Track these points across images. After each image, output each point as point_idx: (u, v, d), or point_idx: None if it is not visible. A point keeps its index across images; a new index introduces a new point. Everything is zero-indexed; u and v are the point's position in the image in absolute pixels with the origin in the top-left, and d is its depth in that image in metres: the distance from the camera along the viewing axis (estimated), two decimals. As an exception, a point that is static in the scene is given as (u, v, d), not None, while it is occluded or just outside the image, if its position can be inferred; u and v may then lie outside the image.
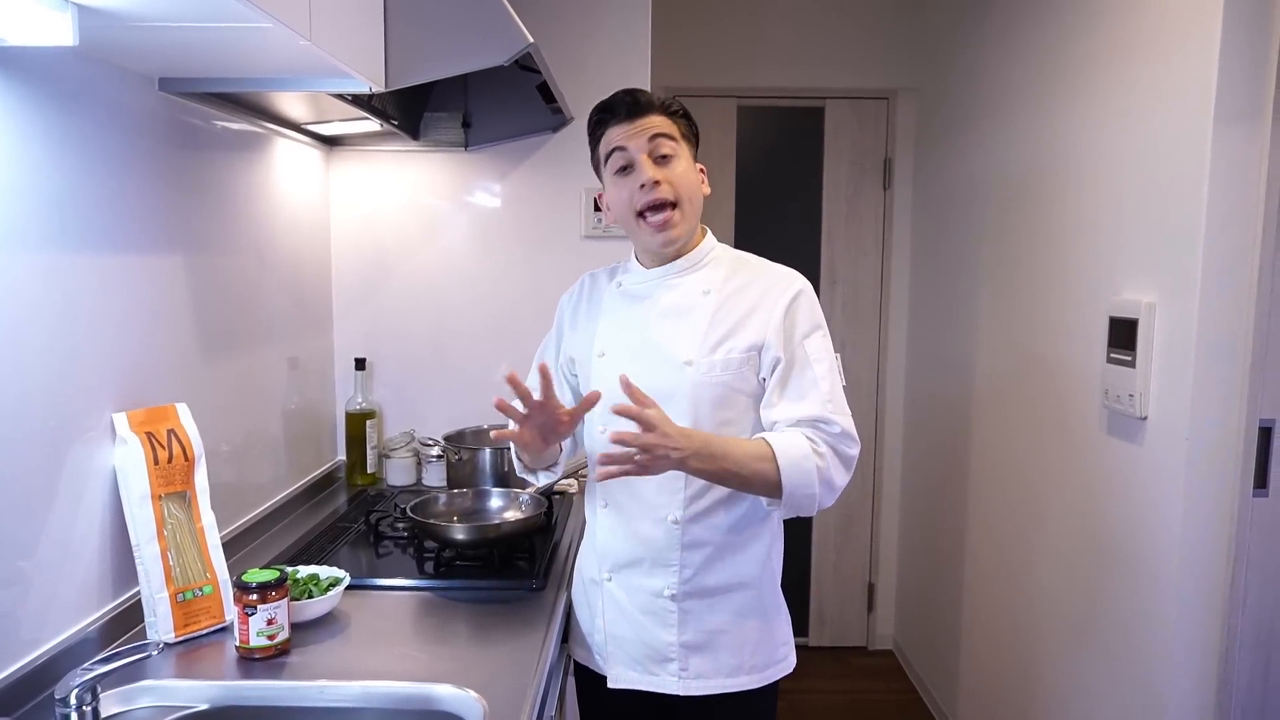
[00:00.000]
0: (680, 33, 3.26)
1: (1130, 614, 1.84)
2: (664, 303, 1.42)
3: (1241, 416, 1.63)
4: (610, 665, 1.47)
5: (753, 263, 1.47)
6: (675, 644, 1.41)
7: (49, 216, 1.22)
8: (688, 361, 1.36)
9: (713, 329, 1.37)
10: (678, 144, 1.39)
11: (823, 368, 1.35)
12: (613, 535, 1.45)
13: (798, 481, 1.28)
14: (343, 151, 2.36)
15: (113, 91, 1.36)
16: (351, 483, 2.31)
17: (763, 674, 1.44)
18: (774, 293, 1.38)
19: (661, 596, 1.40)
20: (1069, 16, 2.14)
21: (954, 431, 2.91)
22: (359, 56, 1.37)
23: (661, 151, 1.37)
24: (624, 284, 1.48)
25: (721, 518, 1.39)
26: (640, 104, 1.38)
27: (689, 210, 1.39)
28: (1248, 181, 1.59)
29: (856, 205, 3.48)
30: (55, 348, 1.23)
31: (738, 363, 1.36)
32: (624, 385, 1.22)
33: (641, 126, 1.37)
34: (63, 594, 1.25)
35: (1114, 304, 1.88)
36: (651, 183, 1.35)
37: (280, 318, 2.03)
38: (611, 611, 1.46)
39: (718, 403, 1.36)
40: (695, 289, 1.41)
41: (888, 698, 3.28)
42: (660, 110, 1.39)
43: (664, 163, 1.37)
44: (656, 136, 1.37)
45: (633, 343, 1.42)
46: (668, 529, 1.38)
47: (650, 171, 1.35)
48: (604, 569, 1.46)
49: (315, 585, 1.47)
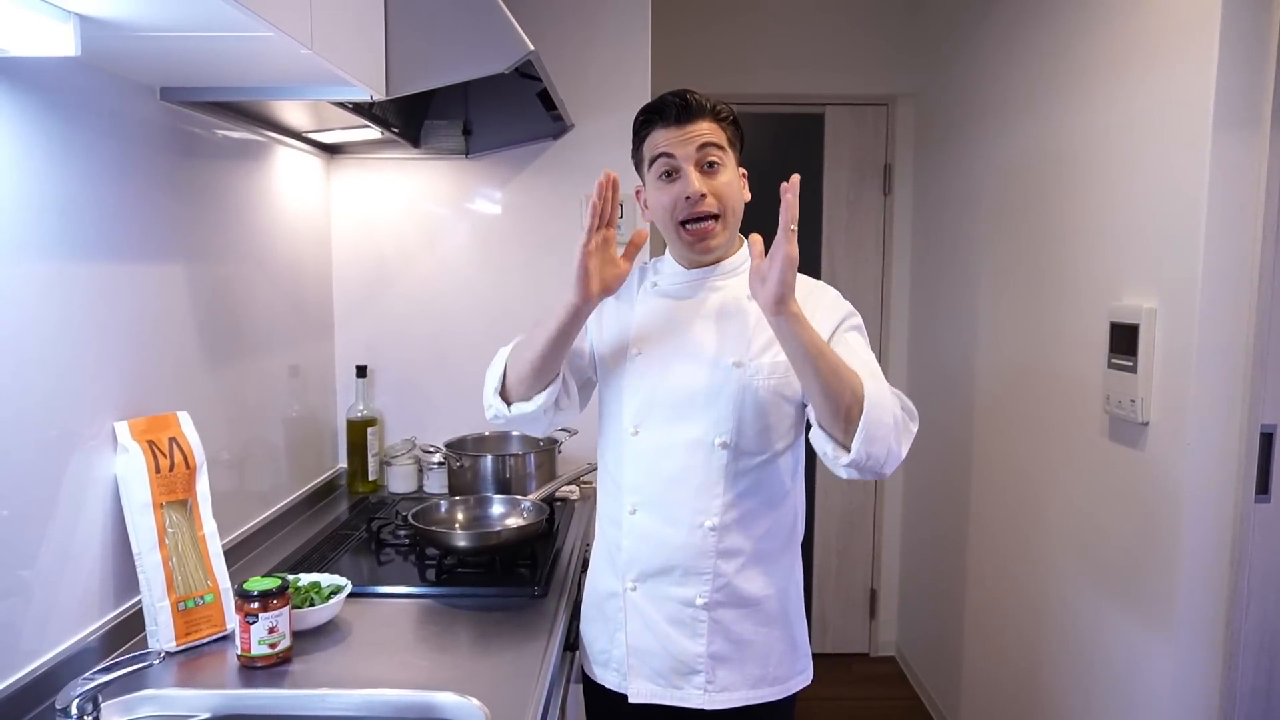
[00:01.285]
0: (680, 40, 3.27)
1: (1132, 620, 1.84)
2: (709, 304, 1.41)
3: (1243, 422, 1.62)
4: (632, 680, 1.43)
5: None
6: (703, 655, 1.38)
7: (51, 225, 1.22)
8: (737, 363, 1.35)
9: (759, 331, 1.35)
10: (725, 152, 1.35)
11: (867, 355, 1.32)
12: (643, 543, 1.41)
13: (877, 416, 1.19)
14: (343, 159, 2.37)
15: (114, 101, 1.36)
16: (353, 490, 2.31)
17: (785, 685, 1.43)
18: (815, 298, 1.38)
19: (692, 605, 1.38)
20: (1068, 22, 2.14)
21: (955, 437, 2.91)
22: (360, 65, 1.38)
23: (709, 159, 1.34)
24: (660, 284, 1.46)
25: (757, 525, 1.38)
26: (690, 108, 1.33)
27: (731, 221, 1.38)
28: (1248, 186, 1.59)
29: (857, 211, 3.48)
30: (57, 356, 1.24)
31: (784, 367, 1.32)
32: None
33: (691, 134, 1.33)
34: (64, 603, 1.25)
35: (1115, 309, 1.88)
36: (699, 195, 1.32)
37: (281, 325, 2.03)
38: (635, 623, 1.42)
39: (761, 407, 1.35)
40: (741, 292, 1.39)
41: (890, 705, 3.27)
42: (710, 115, 1.35)
43: (711, 171, 1.34)
44: (705, 145, 1.33)
45: (673, 343, 1.40)
46: (704, 534, 1.36)
47: (696, 184, 1.32)
48: (628, 579, 1.42)
49: (317, 593, 1.47)
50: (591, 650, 1.51)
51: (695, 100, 1.35)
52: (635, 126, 1.41)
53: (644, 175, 1.42)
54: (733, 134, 1.39)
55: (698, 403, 1.36)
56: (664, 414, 1.38)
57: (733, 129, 1.39)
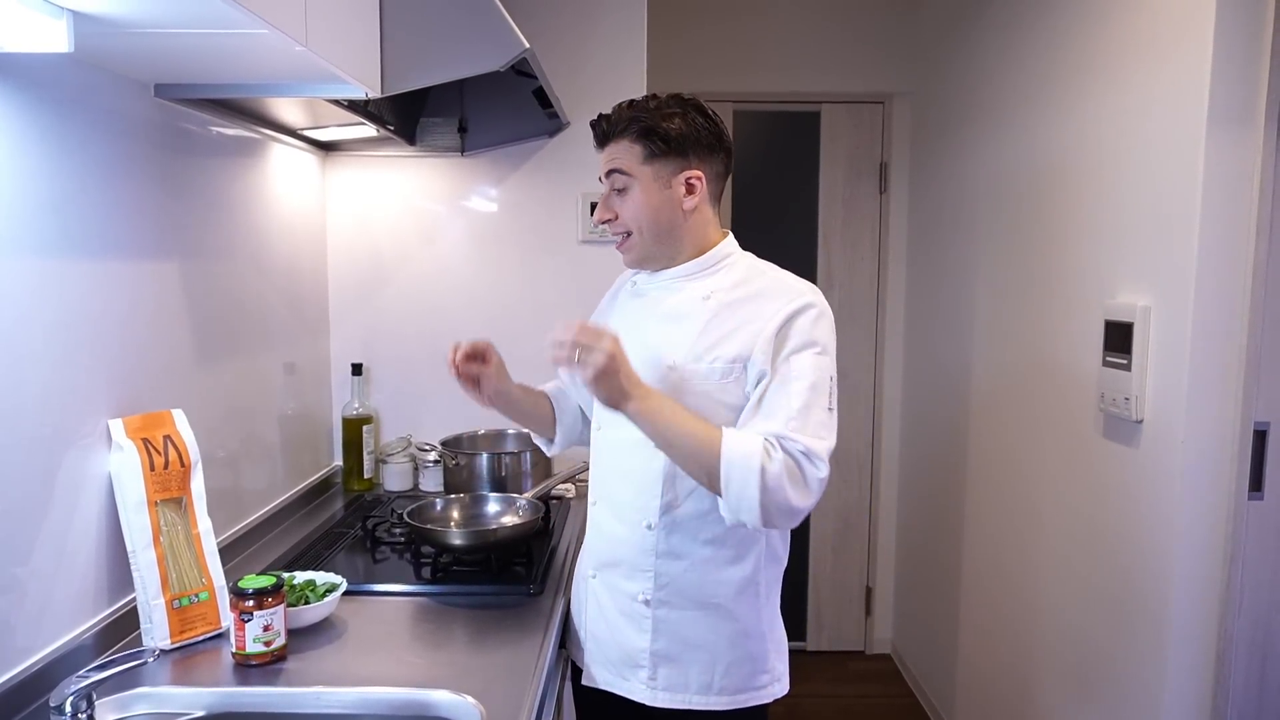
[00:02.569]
0: (676, 38, 3.27)
1: (1127, 616, 1.84)
2: (665, 305, 1.42)
3: (1237, 419, 1.63)
4: (588, 664, 1.48)
5: (770, 274, 1.41)
6: (646, 650, 1.40)
7: (45, 222, 1.22)
8: (671, 366, 1.35)
9: (704, 336, 1.35)
10: (630, 177, 1.36)
11: (802, 384, 1.27)
12: (597, 535, 1.47)
13: (737, 479, 1.22)
14: (339, 157, 2.36)
15: (108, 98, 1.36)
16: (348, 488, 2.31)
17: (733, 698, 1.40)
18: (775, 304, 1.32)
19: (636, 600, 1.41)
20: (1063, 21, 2.14)
21: (951, 435, 2.92)
22: (355, 62, 1.38)
23: (616, 186, 1.38)
24: (637, 283, 1.49)
25: (699, 531, 1.37)
26: (603, 134, 1.39)
27: (646, 237, 1.38)
28: (1241, 184, 1.59)
29: (852, 209, 3.48)
30: (51, 353, 1.23)
31: (720, 373, 1.32)
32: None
33: (604, 159, 1.39)
34: (58, 601, 1.25)
35: (1109, 307, 1.88)
36: (603, 220, 1.40)
37: (276, 323, 2.03)
38: (593, 610, 1.47)
39: (698, 412, 1.32)
40: (697, 294, 1.39)
41: (885, 702, 3.28)
42: (621, 136, 1.36)
43: (619, 196, 1.38)
44: (611, 172, 1.37)
45: (631, 342, 1.39)
46: (643, 534, 1.39)
47: (600, 211, 1.40)
48: (590, 566, 1.48)
49: (312, 591, 1.46)
50: (572, 629, 1.55)
51: (610, 123, 1.37)
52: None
53: None
54: (653, 148, 1.35)
55: None
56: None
57: (654, 143, 1.34)
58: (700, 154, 1.37)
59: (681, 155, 1.36)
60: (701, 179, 1.37)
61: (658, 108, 1.35)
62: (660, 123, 1.34)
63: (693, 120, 1.36)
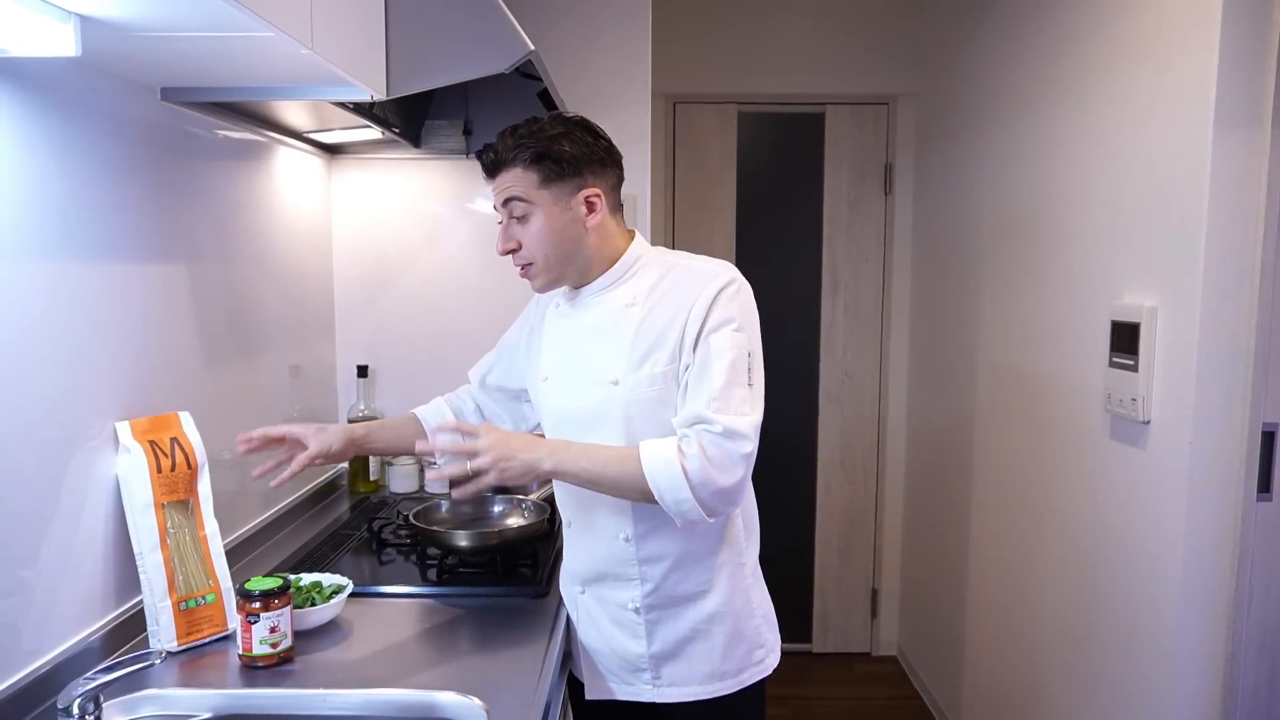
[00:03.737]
0: (680, 39, 3.27)
1: (1134, 619, 1.84)
2: (590, 320, 1.40)
3: (1244, 421, 1.62)
4: (587, 677, 1.49)
5: (682, 265, 1.39)
6: (645, 654, 1.42)
7: (52, 226, 1.22)
8: (614, 381, 1.35)
9: (637, 344, 1.34)
10: (529, 203, 1.33)
11: (721, 364, 1.28)
12: (576, 554, 1.47)
13: (665, 485, 1.25)
14: (344, 160, 2.37)
15: (115, 101, 1.36)
16: (354, 490, 2.31)
17: (736, 679, 1.44)
18: (694, 292, 1.32)
19: (627, 609, 1.41)
20: (1069, 22, 2.14)
21: (956, 436, 2.91)
22: (360, 64, 1.38)
23: (515, 214, 1.35)
24: (559, 304, 1.48)
25: (674, 531, 1.37)
26: (495, 163, 1.35)
27: (553, 261, 1.36)
28: (1248, 185, 1.59)
29: (857, 211, 3.48)
30: (58, 356, 1.24)
31: (662, 377, 1.32)
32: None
33: (497, 188, 1.36)
34: (65, 603, 1.25)
35: (1116, 308, 1.88)
36: (505, 250, 1.37)
37: (282, 326, 2.03)
38: (585, 623, 1.48)
39: (649, 420, 1.33)
40: (619, 303, 1.38)
41: (891, 704, 3.27)
42: (514, 164, 1.33)
43: (519, 224, 1.35)
44: (509, 200, 1.34)
45: (568, 365, 1.42)
46: (622, 546, 1.39)
47: (501, 242, 1.37)
48: (576, 583, 1.48)
49: (318, 593, 1.47)
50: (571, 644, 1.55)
51: (495, 154, 1.34)
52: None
53: None
54: (549, 172, 1.33)
55: (592, 422, 1.37)
56: (573, 434, 1.40)
57: (548, 167, 1.32)
58: (594, 171, 1.35)
59: (577, 175, 1.34)
60: (600, 195, 1.36)
61: (545, 131, 1.33)
62: (551, 146, 1.32)
63: (582, 139, 1.35)
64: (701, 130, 3.41)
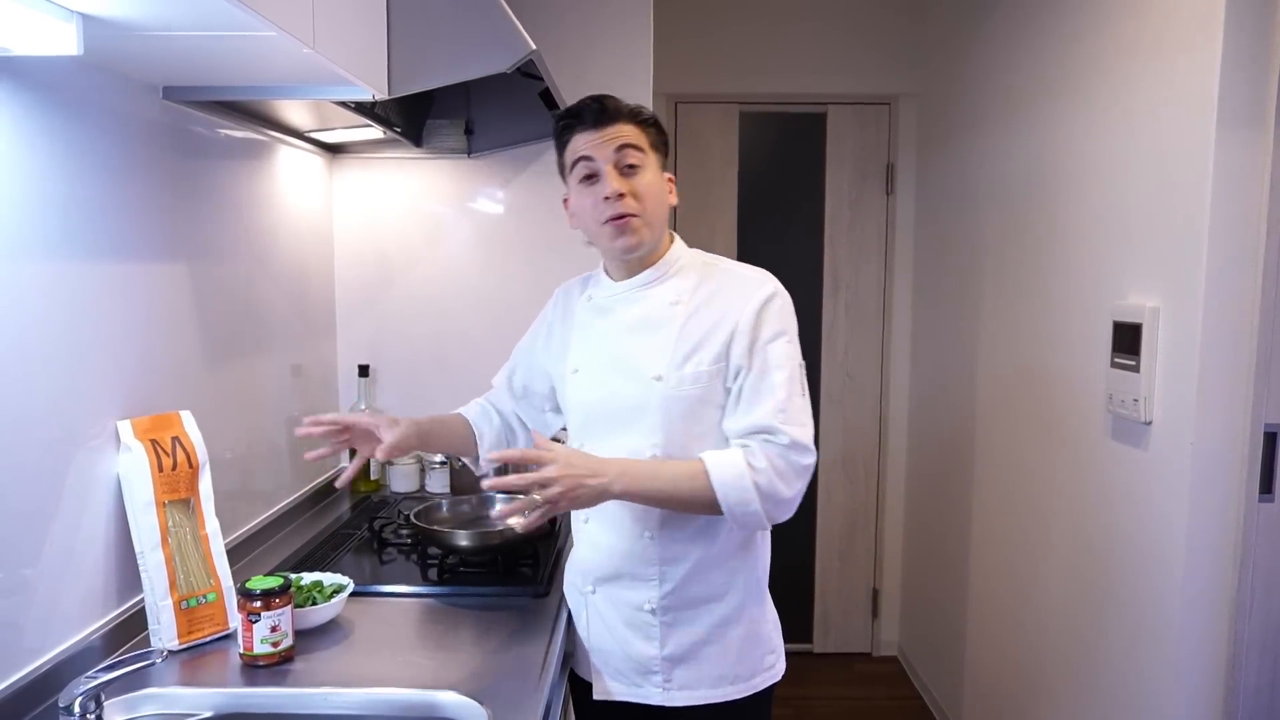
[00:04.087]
0: (682, 39, 3.27)
1: (1136, 620, 1.84)
2: (632, 316, 1.41)
3: (1247, 421, 1.62)
4: (595, 678, 1.47)
5: (723, 267, 1.43)
6: (658, 657, 1.40)
7: (54, 224, 1.22)
8: (657, 377, 1.34)
9: (682, 341, 1.35)
10: (645, 154, 1.35)
11: (782, 375, 1.31)
12: (594, 551, 1.44)
13: (735, 498, 1.27)
14: (345, 159, 2.37)
15: (117, 100, 1.36)
16: (355, 489, 2.31)
17: (748, 683, 1.42)
18: (742, 298, 1.35)
19: (642, 610, 1.40)
20: (1071, 21, 2.14)
21: (958, 436, 2.91)
22: (362, 64, 1.38)
23: (628, 161, 1.34)
24: (594, 298, 1.48)
25: (699, 530, 1.37)
26: (608, 111, 1.34)
27: (653, 220, 1.37)
28: (1251, 185, 1.59)
29: (859, 211, 3.48)
30: (60, 355, 1.24)
31: (707, 375, 1.33)
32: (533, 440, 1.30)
33: (609, 135, 1.34)
34: (66, 602, 1.25)
35: (1118, 308, 1.87)
36: (616, 195, 1.32)
37: (283, 325, 2.03)
38: (596, 624, 1.46)
39: (689, 417, 1.34)
40: (663, 300, 1.39)
41: (892, 704, 3.27)
42: (628, 118, 1.35)
43: (630, 173, 1.34)
44: (624, 146, 1.33)
45: (604, 359, 1.42)
46: (645, 544, 1.38)
47: (615, 184, 1.32)
48: (587, 582, 1.46)
49: (319, 592, 1.47)
50: (573, 641, 1.54)
51: (613, 104, 1.36)
52: (555, 134, 1.41)
53: (567, 181, 1.42)
54: (654, 137, 1.38)
55: (627, 417, 1.36)
56: (602, 429, 1.40)
57: (654, 132, 1.39)
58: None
59: (667, 154, 1.42)
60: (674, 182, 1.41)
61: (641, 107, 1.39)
62: (655, 118, 1.39)
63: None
64: (703, 130, 3.41)
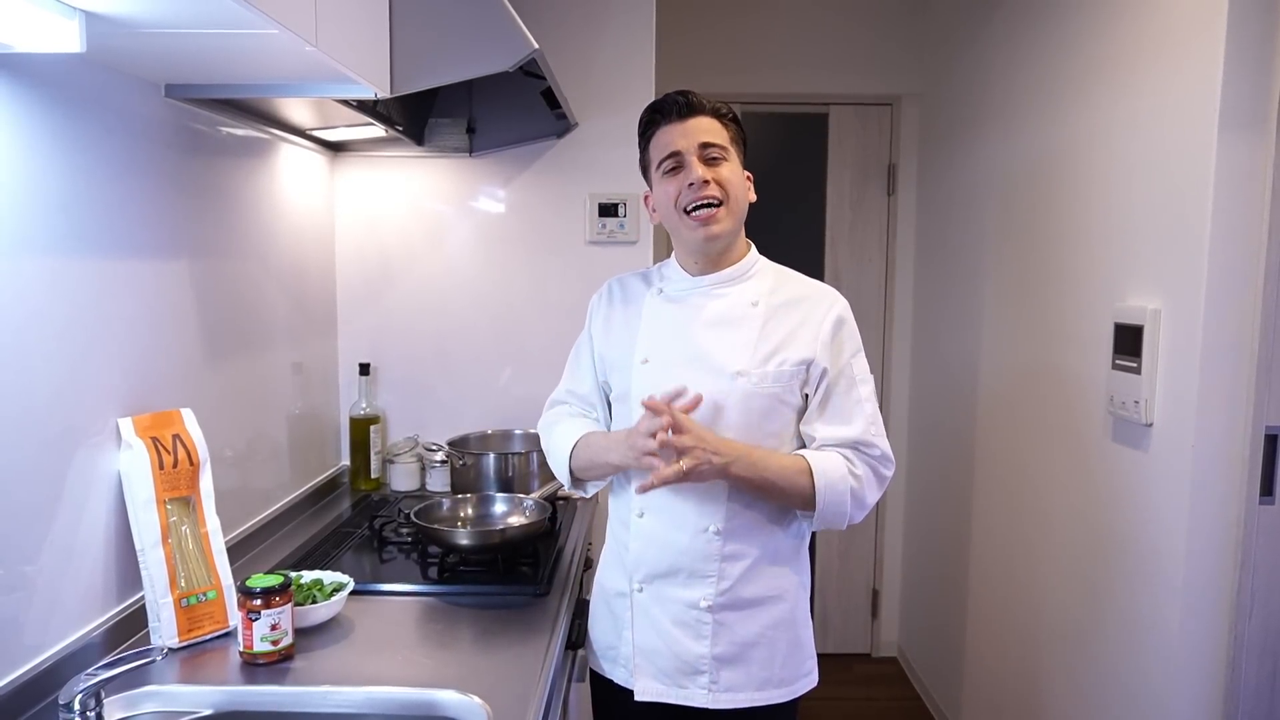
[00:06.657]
0: (684, 39, 3.27)
1: (1136, 621, 1.84)
2: (711, 311, 1.42)
3: (1248, 423, 1.62)
4: (638, 678, 1.43)
5: (795, 278, 1.48)
6: (707, 656, 1.39)
7: (56, 222, 1.22)
8: (739, 372, 1.36)
9: (763, 340, 1.38)
10: (727, 149, 1.40)
11: (867, 389, 1.40)
12: (649, 545, 1.42)
13: (831, 499, 1.34)
14: (347, 157, 2.37)
15: (119, 98, 1.36)
16: (355, 488, 2.31)
17: (790, 687, 1.43)
18: (821, 308, 1.41)
19: (697, 608, 1.39)
20: (1073, 22, 2.14)
21: (958, 437, 2.91)
22: (364, 62, 1.38)
23: (711, 154, 1.38)
24: (665, 290, 1.48)
25: (762, 530, 1.39)
26: (692, 105, 1.39)
27: (735, 211, 1.40)
28: (1253, 188, 1.59)
29: (860, 211, 3.48)
30: (61, 352, 1.24)
31: (788, 375, 1.37)
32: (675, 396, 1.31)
33: (693, 128, 1.38)
34: (67, 599, 1.25)
35: (1119, 310, 1.87)
36: (700, 181, 1.36)
37: (284, 323, 2.03)
38: (641, 623, 1.43)
39: (765, 414, 1.37)
40: (744, 299, 1.42)
41: (891, 705, 3.27)
42: (711, 113, 1.40)
43: (714, 164, 1.38)
44: (707, 145, 1.38)
45: (679, 351, 1.42)
46: (708, 539, 1.38)
47: (699, 170, 1.36)
48: (635, 580, 1.44)
49: (319, 590, 1.47)
50: (599, 646, 1.51)
51: (696, 98, 1.40)
52: (640, 128, 1.45)
53: (650, 177, 1.45)
54: (735, 133, 1.43)
55: (703, 411, 1.36)
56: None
57: (735, 128, 1.43)
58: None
59: (745, 152, 1.45)
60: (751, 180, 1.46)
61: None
62: (736, 114, 1.44)
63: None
64: (705, 130, 3.40)
